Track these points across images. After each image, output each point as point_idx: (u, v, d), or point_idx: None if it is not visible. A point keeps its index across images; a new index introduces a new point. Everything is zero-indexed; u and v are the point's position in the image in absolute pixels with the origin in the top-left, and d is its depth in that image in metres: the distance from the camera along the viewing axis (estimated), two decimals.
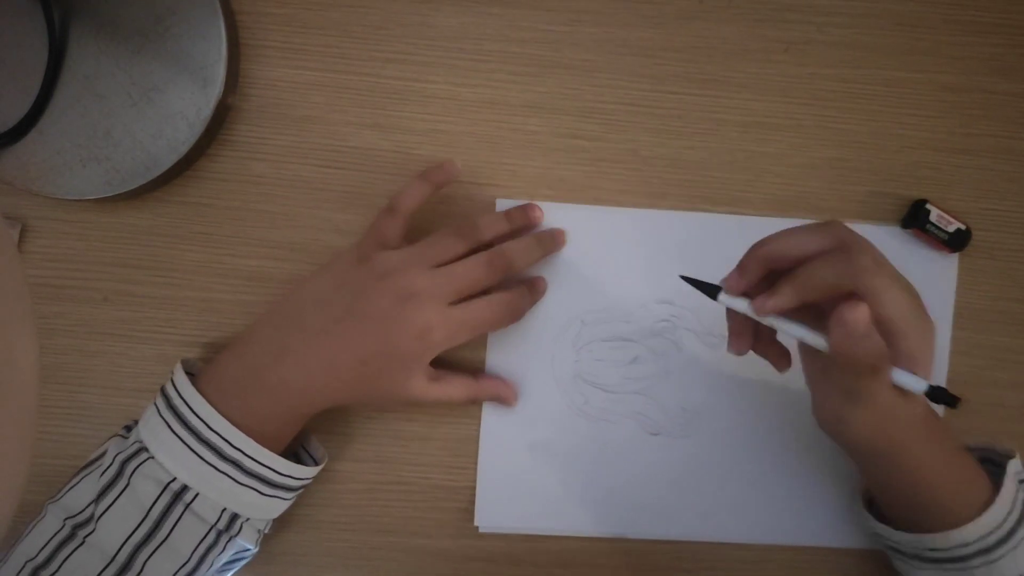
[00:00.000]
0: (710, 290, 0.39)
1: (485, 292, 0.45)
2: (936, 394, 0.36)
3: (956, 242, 0.49)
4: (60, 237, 0.49)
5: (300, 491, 0.46)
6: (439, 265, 0.43)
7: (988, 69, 0.50)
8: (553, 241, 0.48)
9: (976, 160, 0.50)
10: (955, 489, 0.41)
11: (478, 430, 0.50)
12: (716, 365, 0.50)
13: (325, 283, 0.44)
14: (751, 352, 0.42)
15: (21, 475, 0.23)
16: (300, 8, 0.49)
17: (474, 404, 0.49)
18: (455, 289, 0.43)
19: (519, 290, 0.47)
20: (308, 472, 0.44)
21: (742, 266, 0.39)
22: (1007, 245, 0.50)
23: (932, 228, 0.48)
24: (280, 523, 0.46)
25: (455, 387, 0.46)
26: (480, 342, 0.49)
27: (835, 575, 0.51)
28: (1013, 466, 0.41)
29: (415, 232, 0.46)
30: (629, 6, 0.50)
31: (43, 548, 0.39)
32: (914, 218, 0.49)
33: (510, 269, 0.45)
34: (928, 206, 0.49)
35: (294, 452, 0.47)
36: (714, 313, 0.48)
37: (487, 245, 0.46)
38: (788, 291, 0.36)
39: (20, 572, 0.39)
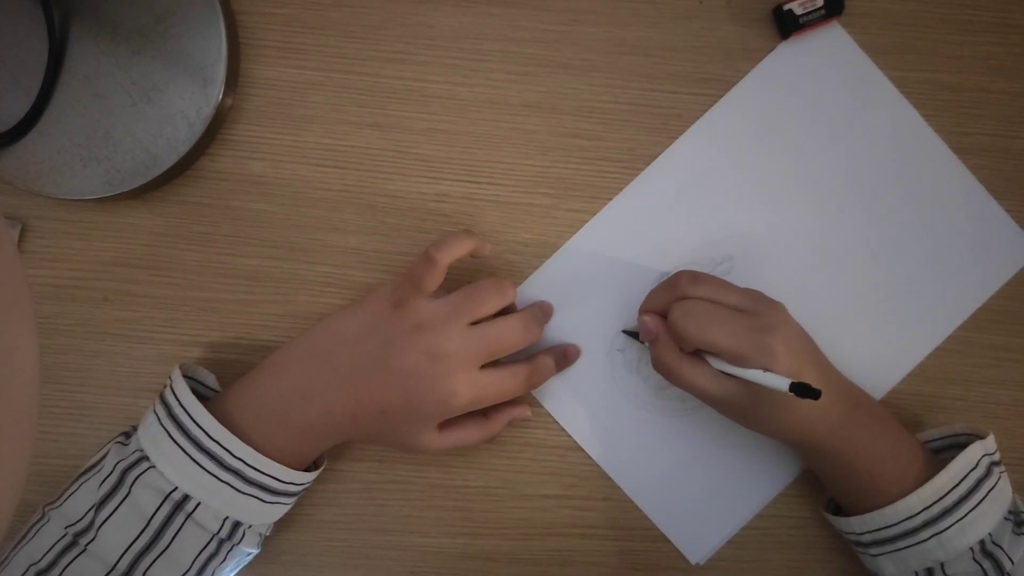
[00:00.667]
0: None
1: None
2: (796, 389, 0.37)
3: (832, 6, 0.48)
4: (60, 237, 0.49)
5: (301, 494, 0.46)
6: (475, 322, 0.43)
7: (985, 68, 0.50)
8: None
9: (973, 159, 0.50)
10: (895, 471, 0.43)
11: None
12: None
13: (356, 324, 0.43)
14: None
15: (21, 475, 0.23)
16: (300, 8, 0.49)
17: (489, 441, 0.48)
18: (488, 352, 0.43)
19: (545, 360, 0.47)
20: (308, 477, 0.44)
21: (642, 323, 0.46)
22: None
23: (807, 18, 0.48)
24: (279, 523, 0.46)
25: (467, 432, 0.45)
26: None
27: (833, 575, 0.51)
28: (975, 449, 0.43)
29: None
30: (627, 6, 0.50)
31: (46, 553, 0.39)
32: (785, 24, 0.49)
33: (542, 331, 0.45)
34: (786, 7, 0.48)
35: None
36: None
37: None
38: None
39: (24, 575, 0.39)
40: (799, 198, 0.50)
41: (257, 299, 0.50)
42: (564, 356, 0.49)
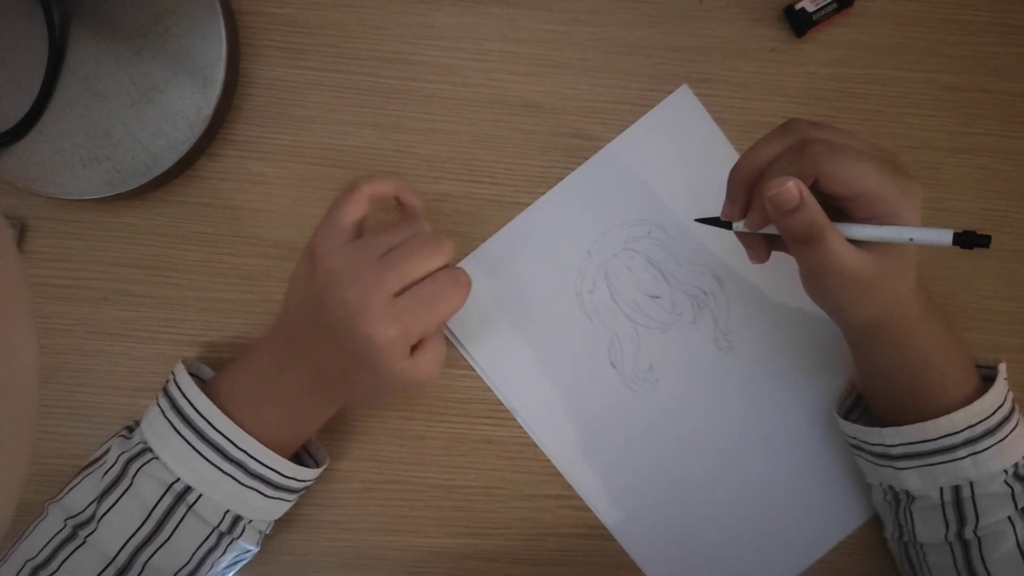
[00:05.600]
0: (724, 224, 0.42)
1: None
2: (963, 239, 0.32)
3: None
4: (60, 237, 0.49)
5: (302, 492, 0.46)
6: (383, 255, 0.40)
7: (985, 68, 0.50)
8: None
9: (973, 159, 0.50)
10: (945, 373, 0.41)
11: (475, 431, 0.50)
12: (707, 362, 0.50)
13: (296, 293, 0.42)
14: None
15: (21, 475, 0.23)
16: (300, 8, 0.49)
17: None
18: (398, 277, 0.39)
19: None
20: (311, 474, 0.45)
21: (729, 194, 0.41)
22: (1005, 245, 0.51)
23: (820, 14, 0.48)
24: (279, 523, 0.46)
25: (435, 343, 0.41)
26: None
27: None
28: (1003, 369, 0.42)
29: None
30: (628, 5, 0.50)
31: (44, 548, 0.39)
32: (799, 22, 0.49)
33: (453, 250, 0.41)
34: (798, 5, 0.48)
35: (295, 453, 0.47)
36: (741, 321, 0.50)
37: None
38: (758, 204, 0.39)
39: (20, 571, 0.39)
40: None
41: (257, 299, 0.50)
42: None
